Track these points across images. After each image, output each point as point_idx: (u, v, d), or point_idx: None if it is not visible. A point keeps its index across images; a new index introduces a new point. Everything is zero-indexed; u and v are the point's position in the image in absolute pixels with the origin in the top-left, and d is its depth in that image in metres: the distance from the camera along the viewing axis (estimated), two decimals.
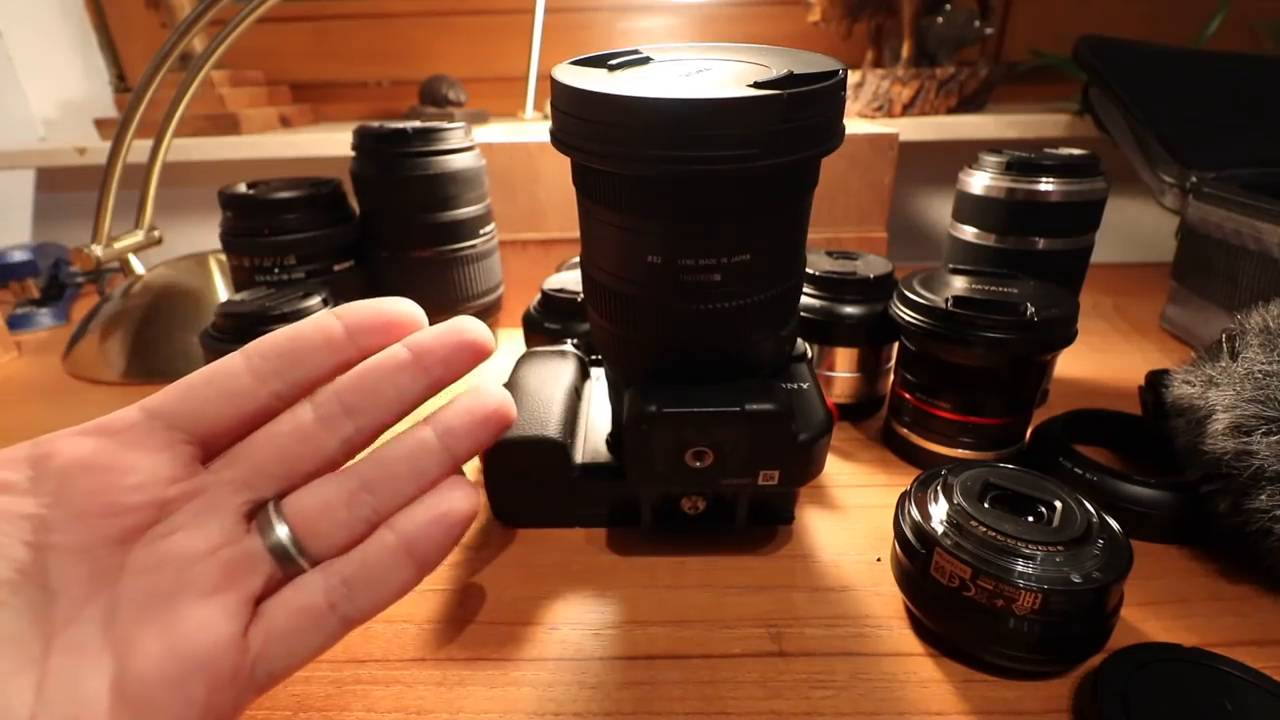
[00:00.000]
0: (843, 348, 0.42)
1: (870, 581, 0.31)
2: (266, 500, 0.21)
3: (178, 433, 0.20)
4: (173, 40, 0.55)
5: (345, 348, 0.21)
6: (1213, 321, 0.51)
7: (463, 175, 0.49)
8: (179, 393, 0.20)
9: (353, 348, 0.21)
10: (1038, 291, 0.37)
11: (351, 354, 0.21)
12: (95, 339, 0.55)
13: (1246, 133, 0.60)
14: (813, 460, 0.30)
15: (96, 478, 0.19)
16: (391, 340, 0.22)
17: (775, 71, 0.23)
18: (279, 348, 0.21)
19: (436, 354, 0.21)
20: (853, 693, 0.25)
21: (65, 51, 0.90)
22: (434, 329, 0.22)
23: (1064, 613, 0.24)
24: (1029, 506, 0.27)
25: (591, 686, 0.26)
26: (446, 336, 0.21)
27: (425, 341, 0.21)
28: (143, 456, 0.19)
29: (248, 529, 0.20)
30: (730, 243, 0.26)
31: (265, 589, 0.20)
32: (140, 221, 0.62)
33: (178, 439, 0.20)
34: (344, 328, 0.21)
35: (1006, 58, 0.86)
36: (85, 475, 0.18)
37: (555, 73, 0.25)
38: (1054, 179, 0.41)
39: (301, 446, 0.21)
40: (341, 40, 0.91)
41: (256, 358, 0.21)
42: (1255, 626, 0.28)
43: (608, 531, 0.34)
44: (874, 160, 0.61)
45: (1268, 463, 0.28)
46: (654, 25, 0.89)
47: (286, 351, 0.21)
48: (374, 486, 0.21)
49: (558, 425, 0.33)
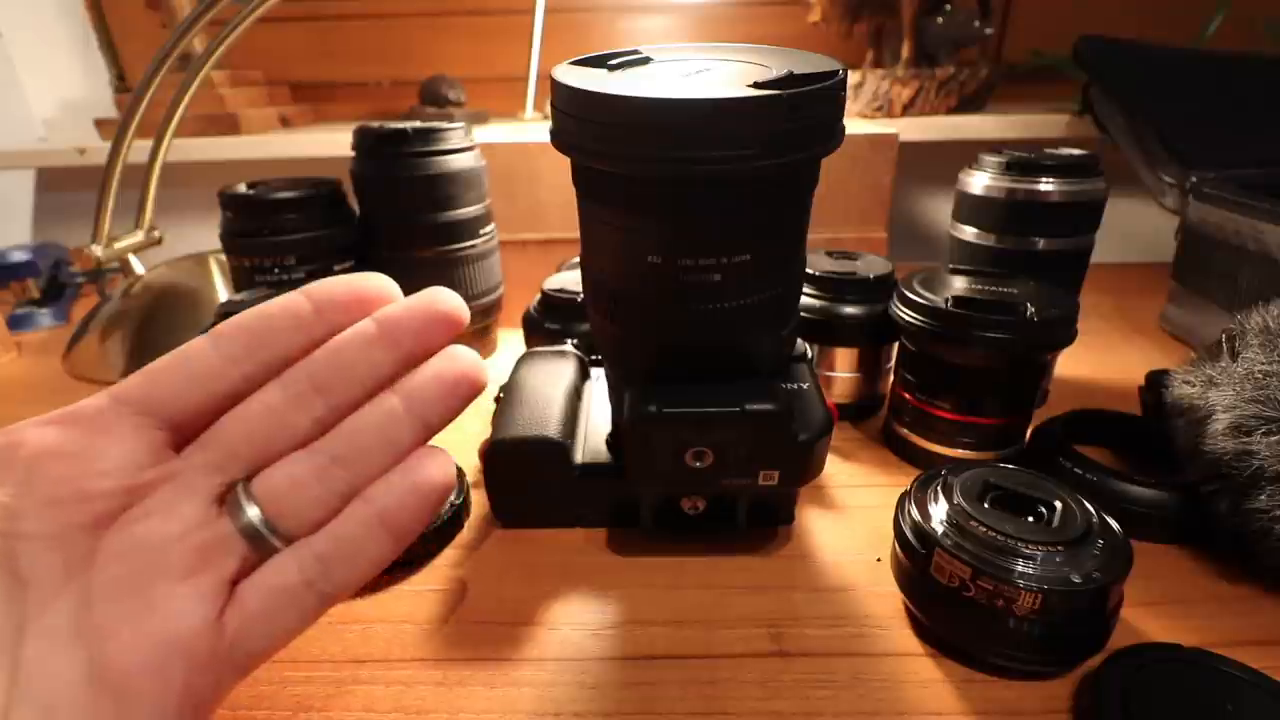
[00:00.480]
0: (843, 348, 0.42)
1: (870, 581, 0.31)
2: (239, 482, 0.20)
3: (147, 418, 0.20)
4: (173, 40, 0.55)
5: (314, 325, 0.21)
6: (1213, 321, 0.51)
7: (463, 175, 0.49)
8: (146, 378, 0.20)
9: (322, 325, 0.21)
10: (1038, 291, 0.37)
11: (321, 331, 0.21)
12: (95, 339, 0.55)
13: (1246, 133, 0.60)
14: (813, 460, 0.30)
15: (65, 465, 0.18)
16: (362, 316, 0.21)
17: (775, 71, 0.23)
18: (246, 328, 0.21)
19: (406, 327, 0.21)
20: (853, 693, 0.25)
21: (65, 51, 0.90)
22: (404, 301, 0.21)
23: (1064, 613, 0.24)
24: (1029, 507, 0.27)
25: (591, 686, 0.26)
26: (416, 309, 0.21)
27: (394, 314, 0.21)
28: (112, 443, 0.19)
29: (220, 512, 0.20)
30: (730, 243, 0.26)
31: (240, 570, 0.20)
32: (140, 222, 0.62)
33: (147, 424, 0.20)
34: (312, 305, 0.21)
35: (1006, 58, 0.86)
36: (53, 463, 0.18)
37: (555, 73, 0.25)
38: (1054, 179, 0.41)
39: (272, 427, 0.20)
40: (341, 40, 0.91)
41: (224, 339, 0.21)
42: (1255, 626, 0.28)
43: (608, 531, 0.34)
44: (874, 160, 0.61)
45: (1268, 463, 0.28)
46: (654, 25, 0.89)
47: (254, 331, 0.21)
48: (345, 460, 0.20)
49: (558, 425, 0.33)
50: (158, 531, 0.19)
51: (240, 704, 0.25)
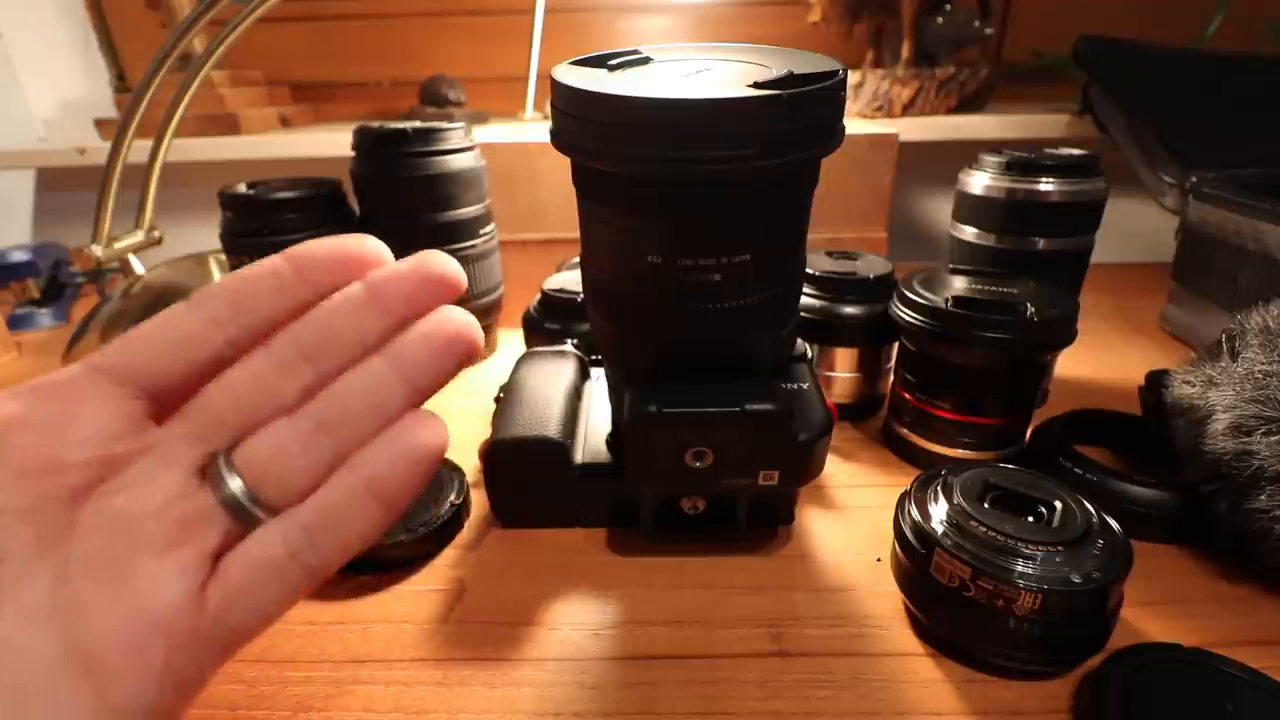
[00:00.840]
0: (843, 348, 0.42)
1: (870, 581, 0.31)
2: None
3: (125, 387, 0.19)
4: (173, 40, 0.55)
5: (297, 287, 0.20)
6: (1213, 321, 0.51)
7: (463, 175, 0.49)
8: (124, 344, 0.19)
9: (306, 287, 0.20)
10: (1038, 291, 0.37)
11: (306, 294, 0.20)
12: (95, 339, 0.55)
13: (1246, 133, 0.60)
14: (813, 460, 0.30)
15: (35, 435, 0.18)
16: (350, 279, 0.20)
17: (775, 71, 0.23)
18: (226, 291, 0.20)
19: (397, 290, 0.20)
20: (853, 693, 0.25)
21: (65, 51, 0.90)
22: (396, 264, 0.21)
23: (1064, 613, 0.24)
24: (1029, 506, 0.27)
25: (591, 686, 0.26)
26: (407, 272, 0.20)
27: (385, 277, 0.20)
28: (87, 412, 0.18)
29: (201, 484, 0.19)
30: (730, 243, 0.26)
31: (223, 544, 0.19)
32: (140, 221, 0.62)
33: (125, 393, 0.19)
34: (292, 267, 0.20)
35: (1006, 58, 0.86)
36: (22, 433, 0.18)
37: (555, 73, 0.25)
38: (1054, 179, 0.41)
39: (257, 395, 0.19)
40: (341, 40, 0.91)
41: (204, 302, 0.20)
42: (1255, 626, 0.28)
43: (608, 531, 0.34)
44: (874, 160, 0.61)
45: (1268, 463, 0.28)
46: (654, 25, 0.89)
47: (234, 295, 0.20)
48: (330, 426, 0.19)
49: (558, 425, 0.33)
50: (136, 504, 0.18)
51: (240, 704, 0.25)
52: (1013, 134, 0.74)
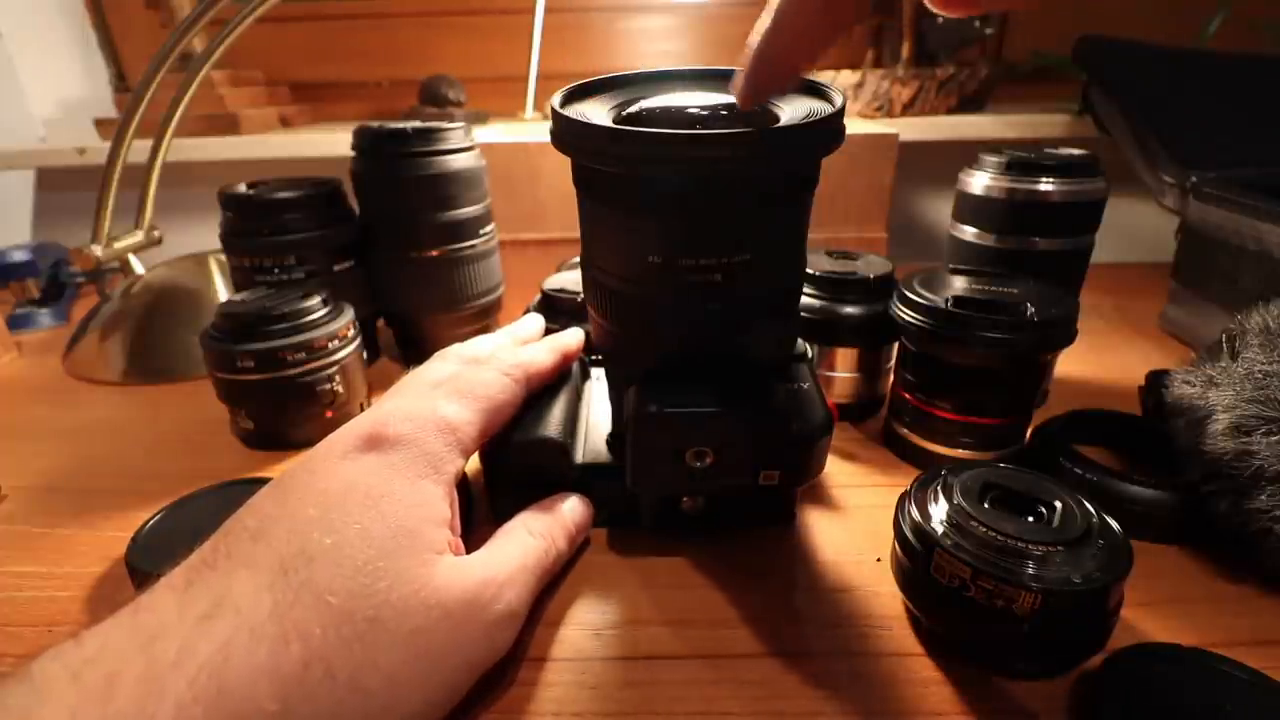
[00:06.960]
0: (843, 348, 0.42)
1: (870, 581, 0.31)
2: None
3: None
4: (173, 40, 0.55)
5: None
6: (1213, 321, 0.51)
7: (463, 175, 0.49)
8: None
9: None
10: (1038, 291, 0.37)
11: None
12: (95, 339, 0.55)
13: (1246, 133, 0.60)
14: (813, 460, 0.30)
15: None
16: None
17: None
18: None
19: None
20: (853, 693, 0.25)
21: (65, 51, 0.90)
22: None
23: (1064, 613, 0.24)
24: (1029, 506, 0.27)
25: (591, 686, 0.26)
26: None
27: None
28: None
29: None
30: (730, 243, 0.26)
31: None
32: (140, 222, 0.62)
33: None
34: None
35: (1006, 58, 0.86)
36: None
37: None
38: (1054, 179, 0.41)
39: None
40: (341, 40, 0.91)
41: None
42: (1255, 626, 0.28)
43: (608, 531, 0.34)
44: (874, 160, 0.61)
45: (1268, 463, 0.28)
46: (654, 25, 0.89)
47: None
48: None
49: (558, 425, 0.33)
50: None
51: None
52: (1013, 134, 0.75)
